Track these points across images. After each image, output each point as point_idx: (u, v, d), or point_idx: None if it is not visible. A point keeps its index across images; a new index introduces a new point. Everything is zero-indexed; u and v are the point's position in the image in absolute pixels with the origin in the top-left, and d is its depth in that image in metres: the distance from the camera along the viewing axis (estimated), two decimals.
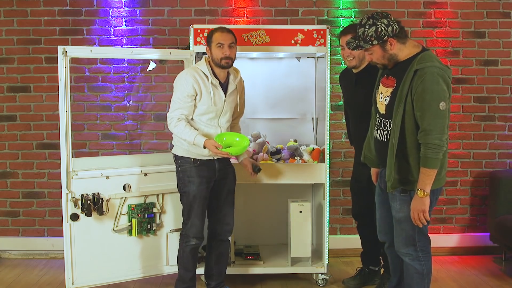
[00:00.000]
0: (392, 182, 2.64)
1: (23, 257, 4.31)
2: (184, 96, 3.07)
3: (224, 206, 3.33)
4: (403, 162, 2.62)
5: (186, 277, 3.28)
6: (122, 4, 4.20)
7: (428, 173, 2.55)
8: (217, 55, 3.09)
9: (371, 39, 2.59)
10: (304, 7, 4.24)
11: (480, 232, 4.40)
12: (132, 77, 4.24)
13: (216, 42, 3.08)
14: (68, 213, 3.26)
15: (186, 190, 3.18)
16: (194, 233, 3.20)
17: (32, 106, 4.24)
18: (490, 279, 3.85)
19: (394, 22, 2.59)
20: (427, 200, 2.58)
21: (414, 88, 2.53)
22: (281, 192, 4.06)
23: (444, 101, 2.53)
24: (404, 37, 2.63)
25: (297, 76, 4.09)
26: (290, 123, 4.14)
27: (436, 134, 2.52)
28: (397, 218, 2.75)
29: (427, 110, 2.51)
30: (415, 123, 2.58)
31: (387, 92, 2.69)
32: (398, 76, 2.63)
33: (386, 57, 2.64)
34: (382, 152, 2.73)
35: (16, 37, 4.20)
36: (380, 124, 2.75)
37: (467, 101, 4.35)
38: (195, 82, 3.06)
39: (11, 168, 4.27)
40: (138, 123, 4.27)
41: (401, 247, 2.78)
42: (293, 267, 3.71)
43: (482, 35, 4.31)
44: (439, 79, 2.51)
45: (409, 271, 2.79)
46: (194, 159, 3.16)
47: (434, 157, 2.53)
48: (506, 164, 4.39)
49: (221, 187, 3.29)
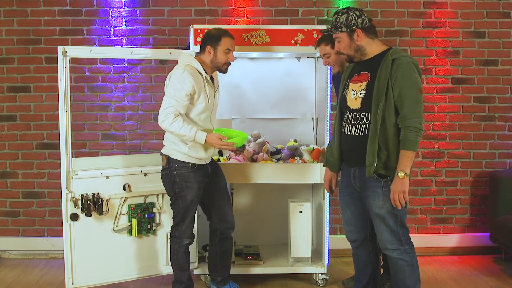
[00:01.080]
0: (373, 167, 2.70)
1: (23, 257, 4.31)
2: (182, 94, 2.98)
3: (223, 204, 3.34)
4: (382, 149, 2.71)
5: (183, 277, 3.27)
6: (122, 4, 4.20)
7: (408, 155, 2.65)
8: (222, 59, 3.10)
9: (341, 25, 2.77)
10: (304, 7, 4.25)
11: (480, 232, 4.40)
12: (132, 77, 4.24)
13: (225, 47, 3.08)
14: (68, 213, 3.26)
15: (183, 194, 3.14)
16: (188, 234, 3.22)
17: (32, 106, 4.24)
18: (490, 279, 3.84)
19: (366, 17, 2.78)
20: (407, 181, 2.67)
21: (393, 76, 2.67)
22: (281, 192, 4.07)
23: (421, 87, 2.69)
24: (372, 34, 2.81)
25: (297, 76, 4.09)
26: (290, 123, 4.14)
27: (416, 118, 2.64)
28: (380, 215, 2.78)
29: (407, 95, 2.65)
30: (395, 110, 2.69)
31: (360, 86, 2.80)
32: (372, 69, 2.76)
33: (353, 47, 2.79)
34: (359, 147, 2.77)
35: (16, 37, 4.20)
36: (355, 119, 2.81)
37: (467, 101, 4.35)
38: (193, 80, 3.00)
39: (11, 168, 4.27)
40: (138, 123, 4.27)
41: (387, 244, 2.81)
42: (293, 267, 3.71)
43: (482, 35, 4.31)
44: (414, 67, 2.68)
45: (400, 265, 2.82)
46: (192, 164, 3.13)
47: (414, 139, 2.64)
48: (506, 164, 4.40)
49: (214, 186, 3.30)
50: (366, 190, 2.82)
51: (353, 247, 3.11)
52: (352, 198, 2.97)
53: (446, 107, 4.35)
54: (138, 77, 4.24)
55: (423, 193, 4.39)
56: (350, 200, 2.99)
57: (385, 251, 2.85)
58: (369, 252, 3.08)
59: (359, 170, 2.83)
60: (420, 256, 4.27)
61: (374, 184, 2.77)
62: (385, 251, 2.85)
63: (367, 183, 2.80)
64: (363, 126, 2.77)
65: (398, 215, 2.78)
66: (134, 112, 4.25)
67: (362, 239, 3.03)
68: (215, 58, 3.10)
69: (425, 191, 4.39)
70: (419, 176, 4.38)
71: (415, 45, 4.30)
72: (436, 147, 4.37)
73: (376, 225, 2.83)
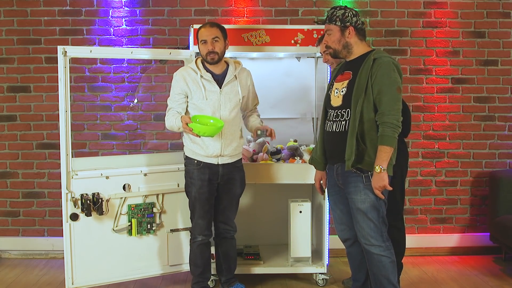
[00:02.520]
0: (351, 161, 2.75)
1: (23, 257, 4.31)
2: (174, 94, 3.18)
3: (227, 210, 3.35)
4: (360, 144, 2.76)
5: (195, 272, 3.34)
6: (122, 4, 4.20)
7: (385, 150, 2.71)
8: (202, 52, 3.14)
9: (336, 19, 2.85)
10: (304, 7, 4.25)
11: (480, 232, 4.40)
12: (132, 77, 4.24)
13: (200, 39, 3.13)
14: (68, 213, 3.25)
15: (189, 190, 3.26)
16: (199, 231, 3.26)
17: (32, 106, 4.24)
18: (490, 279, 3.84)
19: (360, 19, 2.88)
20: (385, 175, 2.72)
21: (374, 74, 2.74)
22: (281, 192, 4.06)
23: (400, 86, 2.75)
24: (362, 35, 2.89)
25: (297, 76, 4.09)
26: (290, 123, 4.14)
27: (394, 115, 2.71)
28: (363, 209, 2.80)
29: (386, 93, 2.72)
30: (373, 107, 2.76)
31: (343, 84, 2.88)
32: (354, 68, 2.84)
33: (342, 43, 2.87)
34: (339, 143, 2.83)
35: (16, 37, 4.20)
36: (337, 116, 2.88)
37: (467, 101, 4.35)
38: (182, 80, 3.14)
39: (11, 168, 4.27)
40: (138, 123, 4.27)
41: (371, 239, 2.82)
42: (293, 267, 3.71)
43: (482, 35, 4.31)
44: (394, 67, 2.76)
45: (383, 262, 2.83)
46: (197, 161, 3.18)
47: (391, 135, 2.70)
48: (506, 164, 4.40)
49: (225, 191, 3.30)
50: (348, 185, 2.86)
51: (346, 246, 3.12)
52: (340, 197, 2.99)
53: (446, 107, 4.35)
54: (138, 77, 4.24)
55: (423, 193, 4.39)
56: (338, 198, 3.01)
57: (368, 247, 2.84)
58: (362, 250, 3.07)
59: (341, 167, 2.88)
60: (420, 256, 4.33)
61: (355, 179, 2.81)
62: (368, 247, 2.84)
63: (348, 178, 2.84)
64: (343, 122, 2.83)
65: (381, 210, 2.81)
66: (134, 112, 4.26)
67: (355, 237, 3.01)
68: (200, 53, 3.17)
69: (425, 191, 4.39)
70: (419, 176, 4.38)
71: (415, 45, 4.30)
72: (436, 147, 4.37)
73: (358, 220, 2.85)
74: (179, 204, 3.52)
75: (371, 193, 2.78)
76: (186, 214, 3.48)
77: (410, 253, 4.26)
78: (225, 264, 3.43)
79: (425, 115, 4.34)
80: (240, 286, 3.44)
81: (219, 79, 3.18)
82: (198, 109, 3.15)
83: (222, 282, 3.45)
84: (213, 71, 3.18)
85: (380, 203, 2.81)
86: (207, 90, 3.13)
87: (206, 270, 3.37)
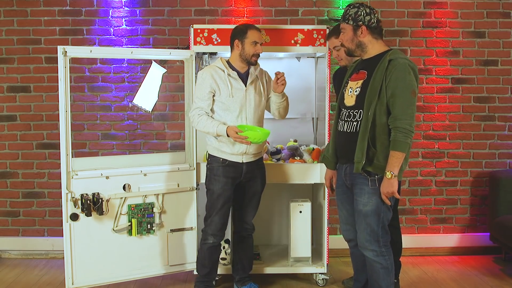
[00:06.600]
0: (361, 164, 2.73)
1: (23, 257, 4.31)
2: (202, 94, 3.18)
3: (247, 207, 3.40)
4: (370, 147, 2.73)
5: (202, 272, 3.37)
6: (122, 4, 4.20)
7: (397, 156, 2.67)
8: (249, 51, 3.17)
9: (348, 18, 2.82)
10: (304, 7, 4.25)
11: (480, 232, 4.40)
12: (132, 77, 4.24)
13: (252, 39, 3.16)
14: (68, 213, 3.25)
15: (211, 187, 3.27)
16: (213, 230, 3.27)
17: (32, 106, 4.24)
18: (490, 279, 3.84)
19: (375, 17, 2.82)
20: (395, 181, 2.69)
21: (388, 76, 2.69)
22: (281, 192, 4.07)
23: (415, 90, 2.70)
24: (377, 34, 2.85)
25: (297, 76, 4.09)
26: (290, 123, 4.14)
27: (406, 119, 2.66)
28: (364, 212, 2.80)
29: (400, 96, 2.67)
30: (386, 110, 2.72)
31: (357, 84, 2.84)
32: (370, 68, 2.80)
33: (355, 42, 2.84)
34: (350, 144, 2.81)
35: (16, 37, 4.20)
36: (349, 116, 2.85)
37: (467, 101, 4.35)
38: (211, 78, 3.16)
39: (11, 168, 4.27)
40: (138, 123, 4.27)
41: (365, 243, 2.83)
42: (293, 267, 3.71)
43: (482, 35, 4.31)
44: (410, 70, 2.70)
45: (375, 267, 2.84)
46: (222, 159, 3.23)
47: (403, 141, 2.66)
48: (506, 164, 4.39)
49: (246, 189, 3.35)
50: (354, 187, 2.86)
51: (350, 246, 3.12)
52: (347, 197, 2.99)
53: (446, 107, 4.35)
54: (138, 77, 4.24)
55: (423, 193, 4.39)
56: (345, 198, 3.01)
57: (363, 250, 2.87)
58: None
59: (349, 167, 2.87)
60: (420, 256, 4.33)
61: (361, 181, 2.80)
62: (363, 250, 2.87)
63: (355, 180, 2.84)
64: (355, 123, 2.81)
65: (381, 216, 2.80)
66: (134, 112, 4.25)
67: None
68: (243, 51, 3.18)
69: (425, 191, 4.39)
70: (419, 176, 4.38)
71: (415, 45, 4.30)
72: (436, 147, 4.37)
73: (358, 222, 2.85)
74: (179, 204, 3.53)
75: (374, 197, 2.76)
76: (186, 214, 3.48)
77: (410, 253, 4.27)
78: (240, 263, 3.47)
79: (425, 115, 4.34)
80: (254, 285, 3.47)
81: (243, 78, 3.24)
82: (225, 107, 3.18)
83: (236, 281, 3.49)
84: (238, 69, 3.23)
85: (383, 209, 2.79)
86: (233, 87, 3.18)
87: (213, 271, 3.39)
